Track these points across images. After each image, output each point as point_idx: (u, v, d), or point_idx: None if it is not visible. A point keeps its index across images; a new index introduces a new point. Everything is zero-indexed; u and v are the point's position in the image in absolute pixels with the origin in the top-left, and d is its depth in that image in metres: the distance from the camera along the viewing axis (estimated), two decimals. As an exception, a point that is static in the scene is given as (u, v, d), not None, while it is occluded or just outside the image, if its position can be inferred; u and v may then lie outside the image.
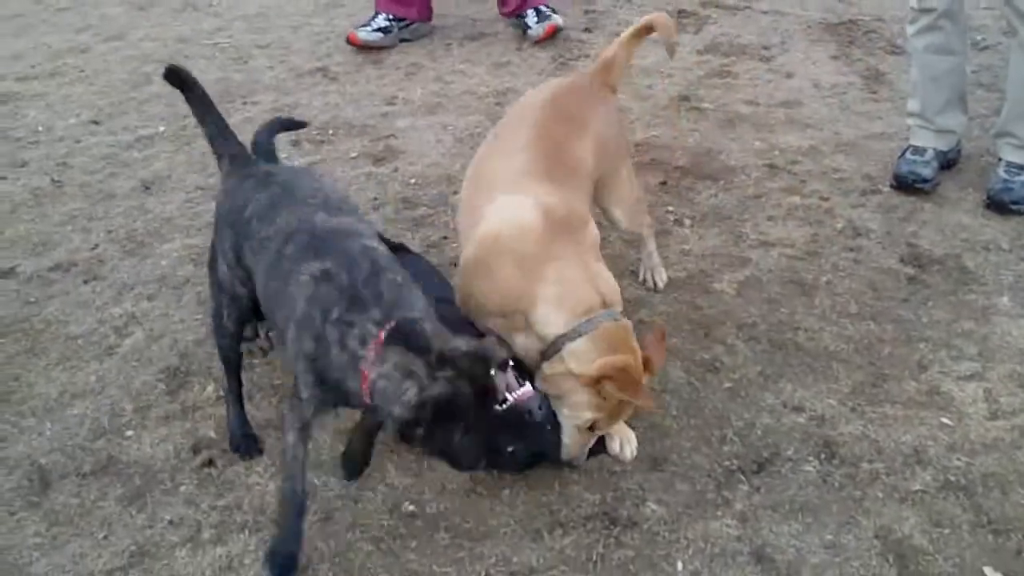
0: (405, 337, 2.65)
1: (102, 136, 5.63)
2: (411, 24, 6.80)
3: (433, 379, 2.58)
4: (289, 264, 2.82)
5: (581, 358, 3.02)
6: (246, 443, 3.37)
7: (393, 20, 6.73)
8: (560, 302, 3.07)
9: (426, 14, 6.90)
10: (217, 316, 3.28)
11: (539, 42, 6.66)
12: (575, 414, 3.08)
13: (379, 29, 6.69)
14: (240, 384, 3.38)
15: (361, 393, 2.66)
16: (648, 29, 4.04)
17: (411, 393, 2.58)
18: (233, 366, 3.35)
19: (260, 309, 3.12)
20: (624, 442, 3.35)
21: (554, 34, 6.69)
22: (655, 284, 4.12)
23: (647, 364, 3.09)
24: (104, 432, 3.46)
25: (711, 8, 7.21)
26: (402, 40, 6.76)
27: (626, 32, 4.05)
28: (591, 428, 3.11)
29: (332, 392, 2.77)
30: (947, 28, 4.58)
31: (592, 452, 3.26)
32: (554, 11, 6.83)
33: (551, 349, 3.08)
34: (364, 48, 6.66)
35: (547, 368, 3.11)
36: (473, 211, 3.38)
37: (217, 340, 3.35)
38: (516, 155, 3.45)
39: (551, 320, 3.08)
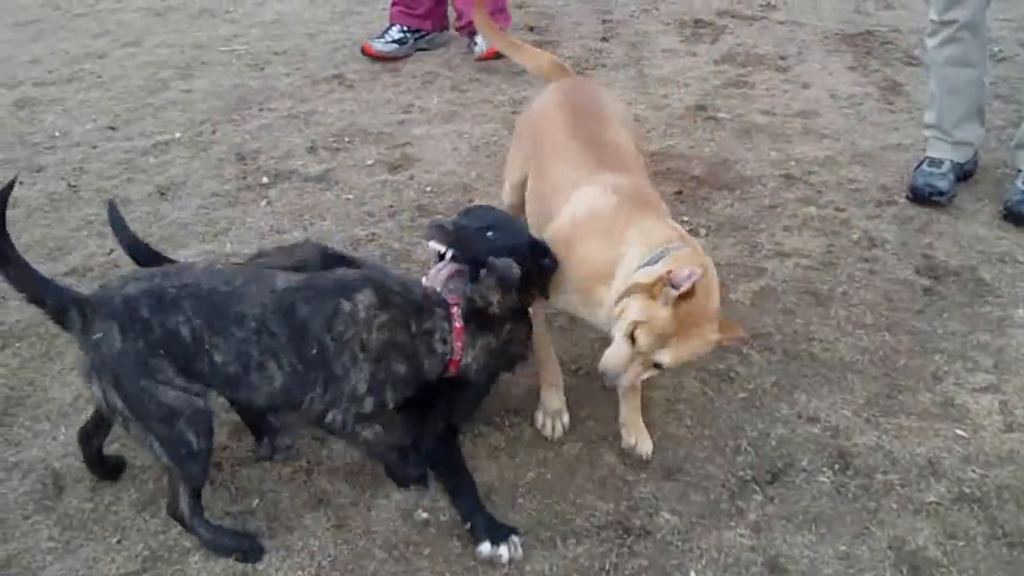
0: None
1: (118, 142, 5.64)
2: (427, 35, 6.81)
3: None
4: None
5: (652, 273, 2.97)
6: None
7: (408, 32, 6.74)
8: (640, 246, 3.09)
9: (441, 24, 6.91)
10: (184, 446, 2.89)
11: (481, 59, 6.63)
12: (625, 320, 2.97)
13: (394, 41, 6.70)
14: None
15: None
16: None
17: None
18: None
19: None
20: (640, 439, 3.36)
21: (496, 56, 6.49)
22: None
23: (723, 327, 2.99)
24: (118, 436, 3.45)
25: (728, 18, 7.20)
26: (418, 50, 6.77)
27: None
28: (634, 342, 2.94)
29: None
30: (967, 40, 4.57)
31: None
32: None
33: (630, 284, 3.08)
34: (379, 58, 6.66)
35: (619, 297, 3.06)
36: (546, 214, 3.48)
37: (192, 473, 2.94)
38: (566, 156, 3.52)
39: (635, 259, 3.08)
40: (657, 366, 2.96)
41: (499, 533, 2.99)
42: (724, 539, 3.03)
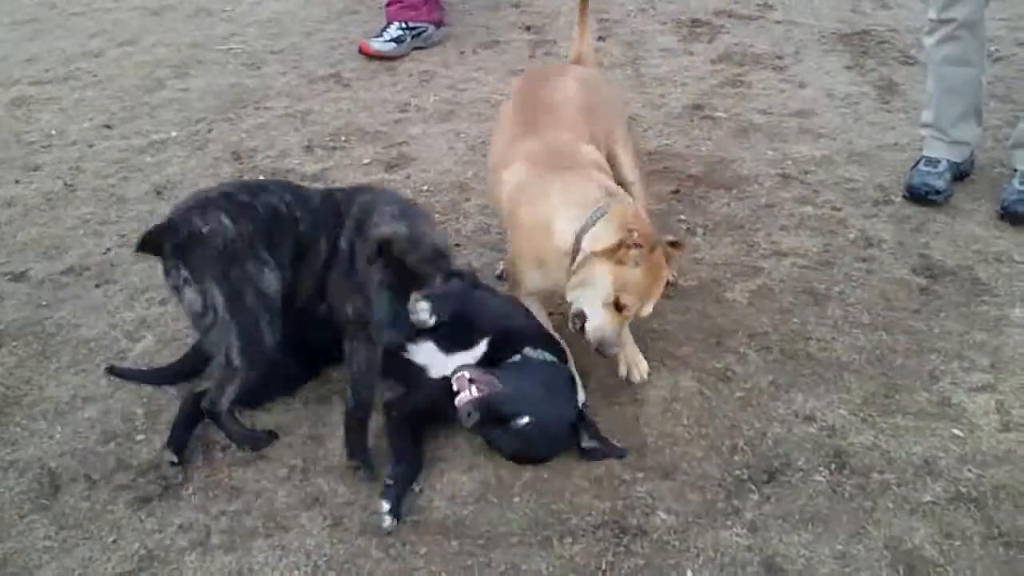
0: None
1: (115, 140, 5.64)
2: (424, 31, 6.80)
3: None
4: None
5: (599, 238, 3.28)
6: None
7: (406, 28, 6.73)
8: (568, 207, 3.38)
9: (436, 15, 6.93)
10: (259, 343, 3.23)
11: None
12: (599, 292, 3.28)
13: (392, 39, 6.70)
14: None
15: None
16: None
17: None
18: None
19: None
20: (632, 366, 3.58)
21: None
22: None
23: (668, 258, 3.36)
24: (114, 436, 3.46)
25: (725, 18, 7.20)
26: (415, 48, 6.76)
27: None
28: (619, 308, 3.28)
29: None
30: (965, 39, 4.57)
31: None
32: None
33: (575, 249, 3.34)
34: (377, 57, 6.67)
35: (575, 267, 3.34)
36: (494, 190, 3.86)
37: (255, 370, 3.28)
38: (504, 130, 3.89)
39: (567, 226, 3.37)
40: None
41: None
42: (721, 538, 3.03)
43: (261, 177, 5.12)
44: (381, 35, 6.71)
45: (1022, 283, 4.14)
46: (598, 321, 3.31)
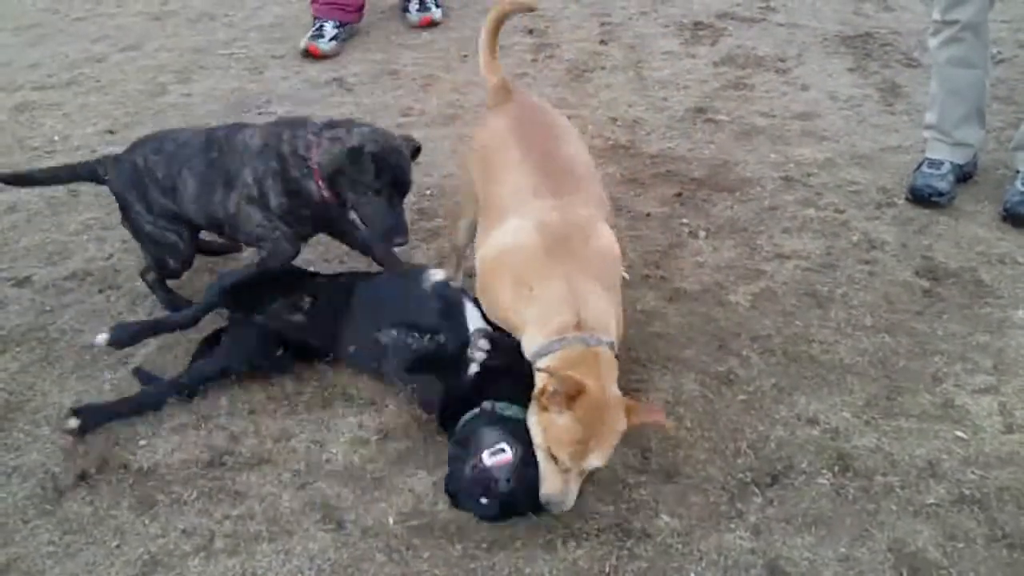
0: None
1: (118, 145, 5.60)
2: (347, 25, 7.09)
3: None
4: None
5: (540, 377, 2.97)
6: None
7: (340, 27, 6.95)
8: (538, 323, 3.05)
9: (362, 14, 7.23)
10: None
11: (416, 27, 7.21)
12: (535, 438, 2.98)
13: (333, 39, 6.89)
14: None
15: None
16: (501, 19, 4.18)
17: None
18: None
19: None
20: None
21: (429, 25, 7.19)
22: None
23: (629, 410, 2.93)
24: (118, 441, 3.46)
25: (727, 20, 7.20)
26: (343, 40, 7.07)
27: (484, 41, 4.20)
28: (556, 462, 2.92)
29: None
30: (969, 40, 4.56)
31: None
32: (437, 4, 7.29)
33: (534, 369, 3.04)
34: (322, 58, 6.82)
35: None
36: (485, 234, 3.43)
37: None
38: (513, 173, 3.45)
39: (531, 342, 3.07)
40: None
41: None
42: (724, 541, 3.03)
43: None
44: (320, 35, 6.86)
45: (1025, 285, 4.14)
46: (543, 475, 2.95)
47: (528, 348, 3.08)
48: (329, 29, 6.83)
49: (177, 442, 3.47)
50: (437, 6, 7.29)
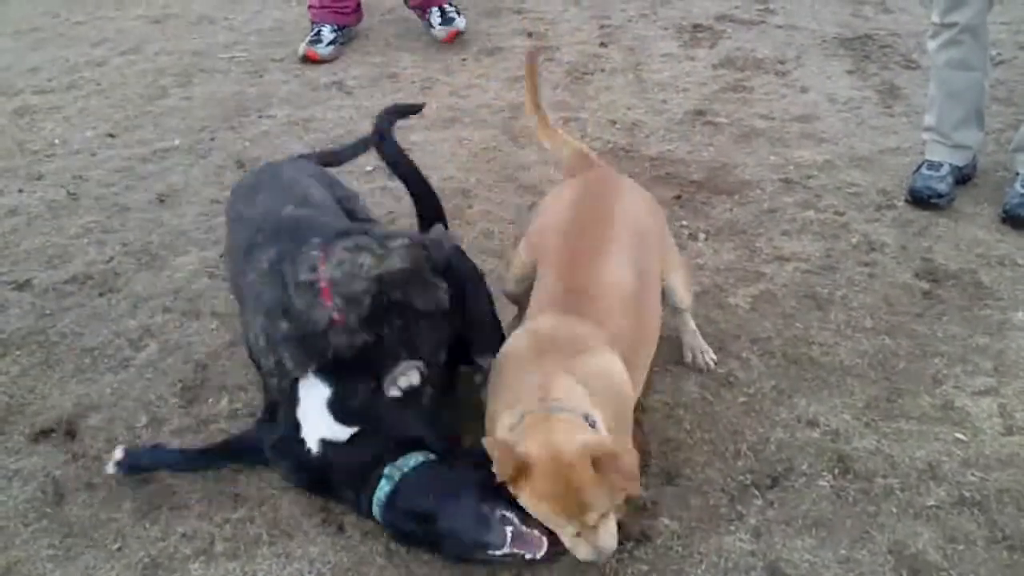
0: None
1: (118, 149, 5.65)
2: (345, 28, 7.05)
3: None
4: None
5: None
6: None
7: (338, 30, 6.92)
8: (507, 405, 2.87)
9: (360, 16, 7.19)
10: None
11: (444, 41, 6.97)
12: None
13: (331, 43, 6.84)
14: None
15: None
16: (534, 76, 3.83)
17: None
18: None
19: None
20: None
21: (457, 37, 6.97)
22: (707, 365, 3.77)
23: (596, 463, 2.61)
24: (118, 445, 3.46)
25: (726, 23, 7.20)
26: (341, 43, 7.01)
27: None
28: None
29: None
30: (968, 43, 4.56)
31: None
32: (458, 12, 7.05)
33: None
34: (320, 62, 6.80)
35: None
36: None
37: None
38: (543, 275, 3.28)
39: (505, 420, 2.85)
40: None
41: None
42: (724, 544, 3.03)
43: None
44: (319, 40, 6.83)
45: (1025, 287, 4.15)
46: (566, 544, 2.79)
47: (503, 424, 2.86)
48: (327, 33, 6.82)
49: (177, 446, 3.46)
50: (459, 14, 7.03)
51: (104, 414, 3.63)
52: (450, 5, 6.99)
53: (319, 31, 6.85)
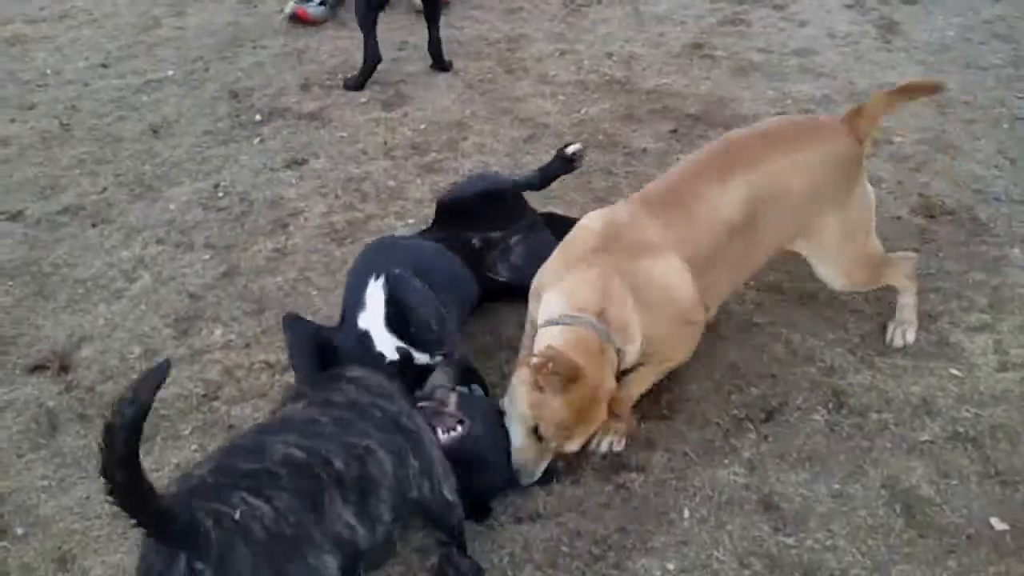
0: None
1: (111, 79, 5.61)
2: None
3: None
4: None
5: (539, 345, 2.88)
6: None
7: None
8: (564, 291, 2.98)
9: None
10: None
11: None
12: (517, 410, 2.91)
13: (323, 2, 6.43)
14: None
15: None
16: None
17: None
18: None
19: None
20: (604, 437, 3.18)
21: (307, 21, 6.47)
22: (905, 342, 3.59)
23: (612, 403, 2.92)
24: (111, 375, 3.46)
25: (725, -45, 7.14)
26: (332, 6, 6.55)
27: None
28: (539, 437, 2.87)
29: None
30: None
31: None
32: None
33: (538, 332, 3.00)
34: (311, 23, 6.39)
35: (519, 360, 3.04)
36: None
37: None
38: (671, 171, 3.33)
39: (550, 305, 2.99)
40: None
41: None
42: (718, 477, 3.04)
43: (258, 117, 5.11)
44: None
45: (1021, 223, 4.12)
46: (517, 445, 2.91)
47: (544, 310, 3.02)
48: None
49: (172, 376, 3.44)
50: None
51: (97, 345, 3.63)
52: None
53: None
